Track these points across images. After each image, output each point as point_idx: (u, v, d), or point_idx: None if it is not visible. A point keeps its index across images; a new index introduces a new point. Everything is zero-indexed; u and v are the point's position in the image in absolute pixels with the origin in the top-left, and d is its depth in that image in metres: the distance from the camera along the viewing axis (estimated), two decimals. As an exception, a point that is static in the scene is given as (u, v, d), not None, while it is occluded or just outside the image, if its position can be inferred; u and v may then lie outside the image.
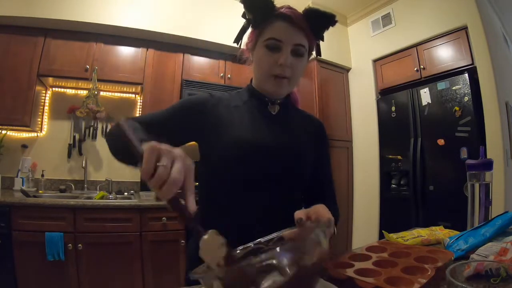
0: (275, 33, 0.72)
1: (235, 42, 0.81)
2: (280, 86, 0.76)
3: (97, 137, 2.60)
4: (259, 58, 0.76)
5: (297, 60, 0.74)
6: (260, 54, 0.75)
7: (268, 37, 0.73)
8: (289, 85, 0.77)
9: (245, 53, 0.83)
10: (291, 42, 0.72)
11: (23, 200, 1.81)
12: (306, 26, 0.73)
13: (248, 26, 0.78)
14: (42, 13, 2.15)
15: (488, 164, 0.93)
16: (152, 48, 2.53)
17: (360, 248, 0.69)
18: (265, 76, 0.75)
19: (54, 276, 1.77)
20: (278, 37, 0.72)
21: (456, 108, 2.23)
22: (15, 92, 2.16)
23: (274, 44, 0.72)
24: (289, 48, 0.72)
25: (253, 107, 0.80)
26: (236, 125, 0.75)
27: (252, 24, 0.77)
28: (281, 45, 0.72)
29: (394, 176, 2.69)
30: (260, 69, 0.76)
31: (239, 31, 0.80)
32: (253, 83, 0.83)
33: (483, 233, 0.74)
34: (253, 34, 0.78)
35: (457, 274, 0.40)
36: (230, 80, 2.75)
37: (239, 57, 0.85)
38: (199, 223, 0.41)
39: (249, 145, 0.72)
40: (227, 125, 0.75)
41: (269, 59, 0.73)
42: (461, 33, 2.29)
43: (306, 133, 0.84)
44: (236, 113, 0.78)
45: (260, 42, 0.75)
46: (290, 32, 0.72)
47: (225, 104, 0.79)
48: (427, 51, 2.53)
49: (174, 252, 2.03)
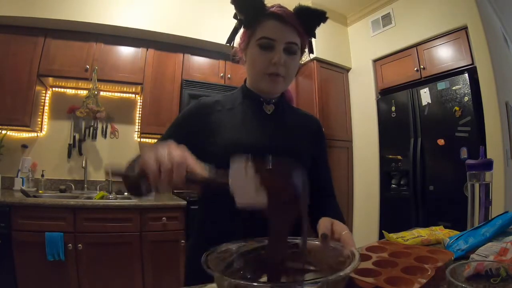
0: (267, 32, 0.72)
1: (228, 43, 0.81)
2: (275, 84, 0.76)
3: (97, 137, 2.60)
4: (252, 58, 0.76)
5: (290, 58, 0.74)
6: (254, 54, 0.75)
7: (260, 36, 0.73)
8: (284, 83, 0.78)
9: (238, 53, 0.84)
10: (284, 40, 0.72)
11: (23, 200, 1.81)
12: (298, 24, 0.73)
13: (240, 26, 0.78)
14: (42, 13, 2.15)
15: (488, 164, 0.93)
16: (152, 48, 2.53)
17: (360, 248, 0.69)
18: (260, 75, 0.76)
19: (54, 276, 1.77)
20: (271, 36, 0.72)
21: (456, 108, 2.23)
22: (15, 92, 2.16)
23: (267, 43, 0.72)
24: (282, 47, 0.73)
25: (247, 108, 0.80)
26: (230, 128, 0.75)
27: (244, 24, 0.77)
28: (274, 43, 0.72)
29: (394, 176, 2.69)
30: (254, 68, 0.77)
31: (231, 31, 0.80)
32: (248, 83, 0.83)
33: (483, 233, 0.74)
34: (245, 34, 0.78)
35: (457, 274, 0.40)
36: (230, 80, 2.75)
37: (232, 57, 0.86)
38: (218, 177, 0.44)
39: (243, 146, 0.72)
40: (221, 129, 0.75)
41: (263, 58, 0.73)
42: (461, 33, 2.29)
43: (302, 131, 0.84)
44: (230, 116, 0.78)
45: (253, 42, 0.75)
46: (282, 30, 0.72)
47: (219, 109, 0.80)
48: (427, 51, 2.52)
49: (174, 252, 2.03)
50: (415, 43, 2.61)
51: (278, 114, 0.82)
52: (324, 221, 0.59)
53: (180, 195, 2.43)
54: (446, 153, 2.30)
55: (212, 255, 0.40)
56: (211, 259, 0.39)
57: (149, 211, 2.00)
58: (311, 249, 0.48)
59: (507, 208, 1.94)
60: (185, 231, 2.07)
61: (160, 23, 2.46)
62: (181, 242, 2.05)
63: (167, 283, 1.98)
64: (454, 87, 2.27)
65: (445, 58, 2.40)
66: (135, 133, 2.72)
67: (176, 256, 2.03)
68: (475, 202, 0.93)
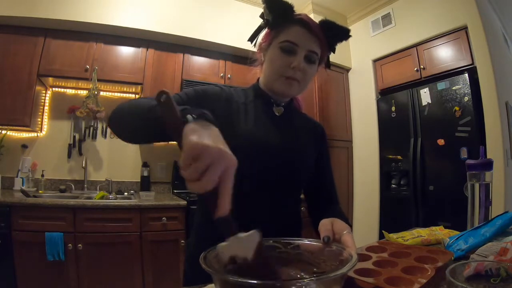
0: (292, 36, 0.74)
1: (250, 41, 0.82)
2: (290, 87, 0.76)
3: (97, 137, 2.60)
4: (272, 59, 0.77)
5: (308, 66, 0.75)
6: (274, 55, 0.76)
7: (284, 39, 0.74)
8: (299, 88, 0.78)
9: (256, 53, 0.84)
10: (306, 48, 0.74)
11: (23, 200, 1.80)
12: (322, 36, 0.75)
13: (265, 26, 0.79)
14: (42, 13, 2.15)
15: (488, 164, 0.93)
16: (152, 48, 2.53)
17: (360, 248, 0.69)
18: (276, 76, 0.76)
19: (54, 276, 1.77)
20: (295, 40, 0.73)
21: (456, 108, 2.23)
22: (15, 92, 2.16)
23: (290, 47, 0.73)
24: (303, 53, 0.74)
25: (258, 107, 0.80)
26: (246, 122, 0.76)
27: (270, 25, 0.78)
28: (297, 49, 0.73)
29: (394, 176, 2.69)
30: (272, 69, 0.77)
31: (255, 30, 0.81)
32: (261, 83, 0.83)
33: (483, 233, 0.74)
34: (268, 35, 0.79)
35: (457, 274, 0.40)
36: (230, 80, 2.75)
37: (250, 57, 0.87)
38: (231, 223, 0.39)
39: (258, 142, 0.74)
40: (238, 120, 0.76)
41: (283, 61, 0.74)
42: (461, 33, 2.29)
43: (308, 135, 0.86)
44: (245, 110, 0.79)
45: (275, 44, 0.76)
46: (307, 38, 0.74)
47: (235, 99, 0.80)
48: (427, 51, 2.53)
49: (174, 252, 2.03)
50: (415, 43, 2.61)
51: (287, 117, 0.83)
52: (324, 223, 0.59)
53: (180, 195, 2.43)
54: (446, 153, 2.30)
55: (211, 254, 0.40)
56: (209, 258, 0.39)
57: (149, 211, 2.00)
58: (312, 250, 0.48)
59: (507, 208, 1.94)
60: (185, 231, 2.08)
61: (160, 23, 2.46)
62: (181, 242, 2.05)
63: (167, 283, 1.98)
64: (454, 87, 2.27)
65: (445, 58, 2.40)
66: (135, 133, 2.71)
67: (176, 256, 2.03)
68: (475, 202, 0.93)
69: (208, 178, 0.36)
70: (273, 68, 0.76)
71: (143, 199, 2.15)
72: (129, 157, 2.69)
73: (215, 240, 0.40)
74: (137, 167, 2.67)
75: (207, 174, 0.36)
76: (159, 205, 2.03)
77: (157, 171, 2.74)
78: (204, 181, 0.36)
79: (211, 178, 0.36)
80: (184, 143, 0.38)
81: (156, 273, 1.99)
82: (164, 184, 2.75)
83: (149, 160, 2.69)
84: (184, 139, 0.38)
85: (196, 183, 0.36)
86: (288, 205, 0.81)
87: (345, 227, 0.57)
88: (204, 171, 0.36)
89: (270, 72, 0.78)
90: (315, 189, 0.87)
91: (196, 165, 0.36)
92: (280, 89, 0.78)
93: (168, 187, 2.76)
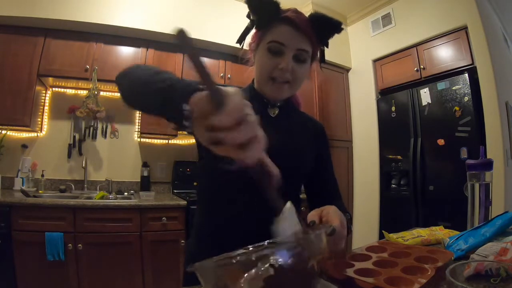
0: (278, 36, 0.71)
1: (238, 42, 0.80)
2: (279, 90, 0.75)
3: (97, 137, 2.60)
4: (260, 60, 0.75)
5: (298, 66, 0.72)
6: (262, 57, 0.74)
7: (270, 39, 0.71)
8: (290, 89, 0.76)
9: (248, 54, 0.83)
10: (294, 47, 0.71)
11: (23, 200, 1.80)
12: (311, 31, 0.71)
13: (252, 27, 0.77)
14: (42, 13, 2.15)
15: (488, 164, 0.93)
16: (152, 48, 2.53)
17: (360, 248, 0.69)
18: (265, 79, 0.74)
19: (54, 276, 1.77)
20: (281, 40, 0.70)
21: (456, 108, 2.23)
22: (15, 92, 2.16)
23: (277, 47, 0.71)
24: (292, 53, 0.71)
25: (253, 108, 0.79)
26: None
27: (256, 25, 0.76)
28: (284, 49, 0.71)
29: (394, 176, 2.69)
30: (260, 71, 0.75)
31: (243, 31, 0.79)
32: (254, 84, 0.83)
33: (483, 233, 0.74)
34: (256, 35, 0.77)
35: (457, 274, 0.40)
36: (230, 80, 2.75)
37: (241, 57, 0.84)
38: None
39: None
40: None
41: (270, 62, 0.72)
42: (461, 33, 2.29)
43: (306, 135, 0.84)
44: None
45: (263, 44, 0.74)
46: (294, 36, 0.70)
47: None
48: (427, 51, 2.53)
49: (174, 252, 2.03)
50: (415, 43, 2.61)
51: (282, 118, 0.81)
52: (313, 212, 0.59)
53: (180, 195, 2.43)
54: (446, 153, 2.30)
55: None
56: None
57: (149, 211, 2.00)
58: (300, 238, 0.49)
59: (507, 208, 1.94)
60: (185, 231, 2.08)
61: (160, 23, 2.46)
62: (181, 242, 2.05)
63: (167, 283, 1.98)
64: (454, 87, 2.27)
65: (445, 58, 2.40)
66: (135, 133, 2.72)
67: (176, 256, 2.03)
68: (475, 202, 0.93)
69: (259, 147, 0.33)
70: (262, 70, 0.74)
71: (143, 199, 2.15)
72: (129, 157, 2.69)
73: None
74: (137, 167, 2.67)
75: (256, 143, 0.33)
76: (159, 205, 2.03)
77: (157, 171, 2.74)
78: (254, 150, 0.33)
79: (260, 148, 0.33)
80: (229, 100, 0.34)
81: (156, 273, 1.99)
82: (164, 184, 2.76)
83: (149, 160, 2.69)
84: (228, 97, 0.34)
85: (239, 151, 0.33)
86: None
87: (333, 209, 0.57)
88: (251, 139, 0.33)
89: (259, 74, 0.76)
90: (316, 188, 0.87)
91: (243, 128, 0.33)
92: (271, 94, 0.76)
93: (168, 187, 2.76)
